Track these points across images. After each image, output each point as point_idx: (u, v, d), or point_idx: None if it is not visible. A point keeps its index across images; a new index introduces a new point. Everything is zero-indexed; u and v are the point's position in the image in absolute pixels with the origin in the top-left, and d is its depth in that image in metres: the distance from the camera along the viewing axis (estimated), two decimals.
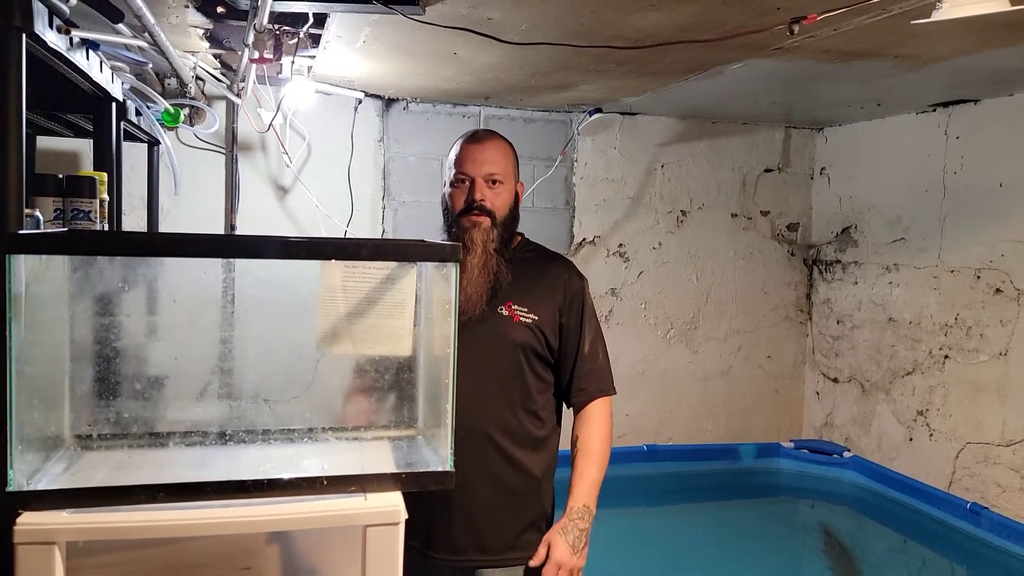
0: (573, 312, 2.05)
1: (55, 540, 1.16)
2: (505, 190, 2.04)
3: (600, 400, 2.08)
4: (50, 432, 1.33)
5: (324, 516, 1.27)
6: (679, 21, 2.63)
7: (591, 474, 2.01)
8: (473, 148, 2.05)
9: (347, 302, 1.41)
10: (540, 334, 2.00)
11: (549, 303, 2.03)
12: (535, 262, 2.10)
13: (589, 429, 2.05)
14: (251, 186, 4.24)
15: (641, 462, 4.89)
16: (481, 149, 2.05)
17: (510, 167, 2.08)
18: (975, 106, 4.11)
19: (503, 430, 1.97)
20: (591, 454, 2.03)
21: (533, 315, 1.99)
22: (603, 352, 2.12)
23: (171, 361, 1.45)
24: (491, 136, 2.10)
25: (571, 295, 2.06)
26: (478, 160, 2.03)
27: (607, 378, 2.11)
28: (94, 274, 1.33)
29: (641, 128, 4.90)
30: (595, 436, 2.05)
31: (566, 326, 2.04)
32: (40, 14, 1.66)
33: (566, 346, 2.05)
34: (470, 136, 2.10)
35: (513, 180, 2.09)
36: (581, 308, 2.07)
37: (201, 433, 1.40)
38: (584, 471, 2.01)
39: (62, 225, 2.03)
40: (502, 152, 2.07)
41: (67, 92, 2.28)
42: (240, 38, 2.87)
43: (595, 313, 2.13)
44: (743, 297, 5.18)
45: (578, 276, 2.11)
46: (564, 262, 2.14)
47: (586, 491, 2.00)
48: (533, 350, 2.00)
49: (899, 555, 4.25)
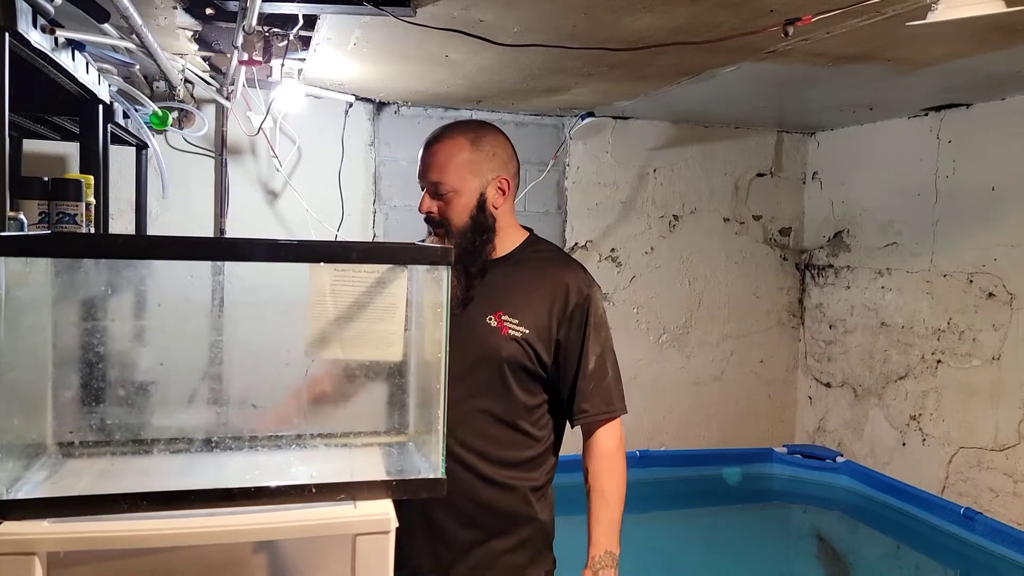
0: (574, 326, 1.86)
1: (35, 550, 1.13)
2: (456, 196, 1.85)
3: (608, 425, 1.90)
4: (31, 439, 1.30)
5: (312, 525, 1.24)
6: (672, 23, 2.62)
7: (607, 515, 1.86)
8: (422, 154, 1.89)
9: (337, 306, 1.38)
10: (530, 349, 1.83)
11: (543, 316, 1.85)
12: (535, 267, 1.91)
13: (598, 463, 1.89)
14: (241, 190, 4.21)
15: (634, 468, 4.82)
16: (426, 155, 1.88)
17: (461, 170, 1.85)
18: (967, 110, 4.11)
19: (480, 451, 1.83)
20: (602, 492, 1.87)
21: (523, 328, 1.82)
22: (612, 368, 1.91)
23: (156, 366, 1.42)
24: (439, 138, 1.89)
25: (572, 307, 1.86)
26: (423, 168, 1.88)
27: (615, 397, 1.91)
28: (77, 277, 1.30)
29: (633, 132, 4.89)
30: (604, 470, 1.89)
31: (564, 342, 1.86)
32: (24, 13, 1.63)
33: (565, 362, 1.87)
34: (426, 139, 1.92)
35: (469, 182, 1.85)
36: (584, 321, 1.86)
37: (187, 440, 1.37)
38: (599, 513, 1.87)
39: (47, 228, 2.01)
40: (447, 155, 1.85)
41: (53, 94, 2.25)
42: (229, 40, 2.84)
43: (605, 324, 1.92)
44: (736, 302, 5.17)
45: (584, 285, 1.89)
46: (569, 268, 1.93)
47: (604, 534, 1.85)
48: (522, 366, 1.83)
49: (892, 560, 4.24)
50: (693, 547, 4.29)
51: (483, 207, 1.87)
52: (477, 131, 1.90)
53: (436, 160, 1.86)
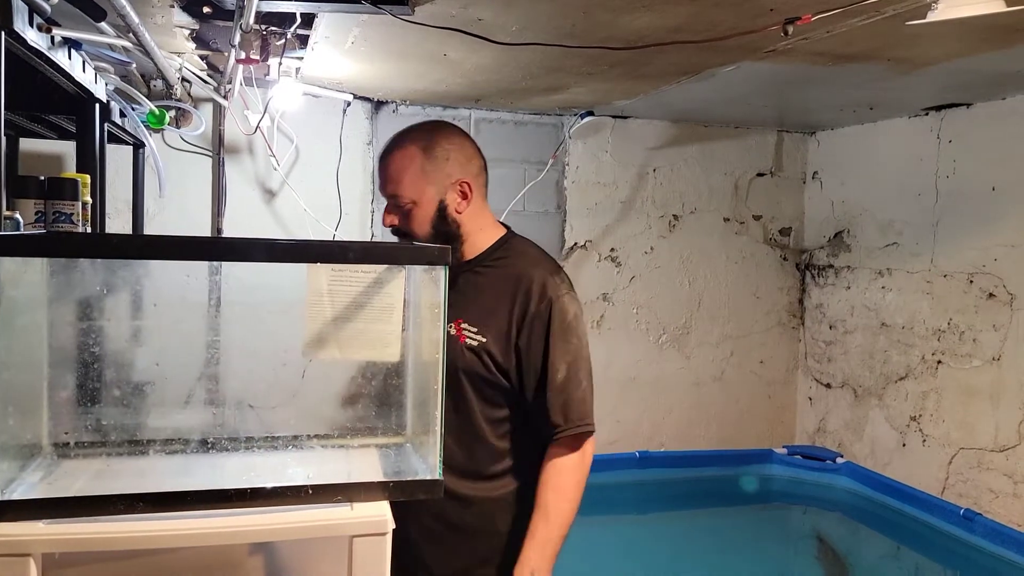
0: (535, 332, 1.75)
1: (31, 552, 1.12)
2: (415, 208, 1.79)
3: (567, 440, 1.77)
4: (27, 440, 1.30)
5: (309, 526, 1.24)
6: (671, 22, 2.61)
7: (543, 531, 1.74)
8: (378, 167, 1.85)
9: (334, 306, 1.38)
10: (488, 358, 1.75)
11: (503, 320, 1.76)
12: (503, 269, 1.83)
13: (548, 476, 1.77)
14: (238, 189, 4.20)
15: (633, 469, 4.86)
16: (381, 168, 1.84)
17: (415, 180, 1.79)
18: (968, 110, 4.10)
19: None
20: (544, 507, 1.75)
21: (481, 336, 1.75)
22: (587, 379, 1.80)
23: (152, 367, 1.42)
24: (392, 148, 1.84)
25: (532, 312, 1.75)
26: (381, 181, 1.84)
27: (583, 411, 1.78)
28: (73, 277, 1.30)
29: (633, 132, 4.89)
30: (552, 485, 1.76)
31: (524, 348, 1.75)
32: (20, 11, 1.62)
33: (527, 371, 1.76)
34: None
35: (426, 191, 1.79)
36: (546, 328, 1.75)
37: (183, 441, 1.37)
38: (535, 528, 1.75)
39: (43, 228, 2.00)
40: (400, 166, 1.80)
41: (49, 92, 2.24)
42: (227, 39, 2.83)
43: (576, 330, 1.79)
44: (735, 302, 5.16)
45: (550, 287, 1.78)
46: (537, 268, 1.82)
47: (534, 551, 1.73)
48: (479, 376, 1.75)
49: (892, 561, 4.23)
50: (693, 548, 4.28)
51: (444, 215, 1.81)
52: (430, 136, 1.83)
53: (390, 172, 1.81)
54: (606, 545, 4.08)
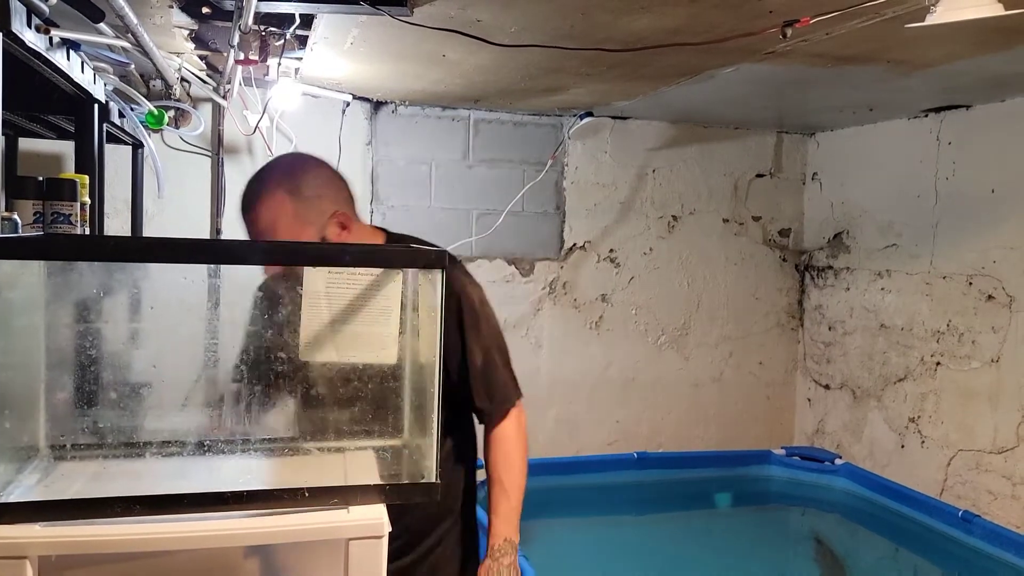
0: (450, 329, 1.80)
1: (27, 554, 1.12)
2: None
3: (498, 418, 1.92)
4: (23, 442, 1.30)
5: (305, 529, 1.24)
6: (670, 24, 2.61)
7: (505, 505, 1.89)
8: (244, 220, 1.77)
9: (331, 309, 1.38)
10: None
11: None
12: None
13: (495, 453, 1.92)
14: (237, 189, 4.14)
15: (631, 469, 4.86)
16: (248, 222, 1.76)
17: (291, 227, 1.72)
18: (967, 111, 4.10)
19: None
20: (500, 482, 1.91)
21: None
22: (501, 356, 1.92)
23: (150, 369, 1.41)
24: (254, 200, 1.76)
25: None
26: (254, 232, 1.75)
27: (510, 387, 1.93)
28: (70, 279, 1.29)
29: (632, 132, 4.88)
30: (501, 460, 1.91)
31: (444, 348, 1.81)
32: (18, 13, 1.62)
33: (451, 368, 1.84)
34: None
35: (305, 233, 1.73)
36: (459, 323, 1.83)
37: (179, 443, 1.37)
38: (498, 504, 1.90)
39: (42, 229, 2.00)
40: (271, 217, 1.72)
41: (48, 93, 2.24)
42: (226, 39, 2.83)
43: (485, 315, 1.90)
44: (734, 303, 5.16)
45: (454, 282, 1.81)
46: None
47: (502, 523, 1.89)
48: None
49: (890, 563, 4.23)
50: (691, 549, 4.28)
51: None
52: (293, 177, 1.77)
53: (262, 225, 1.73)
54: (604, 546, 4.08)
